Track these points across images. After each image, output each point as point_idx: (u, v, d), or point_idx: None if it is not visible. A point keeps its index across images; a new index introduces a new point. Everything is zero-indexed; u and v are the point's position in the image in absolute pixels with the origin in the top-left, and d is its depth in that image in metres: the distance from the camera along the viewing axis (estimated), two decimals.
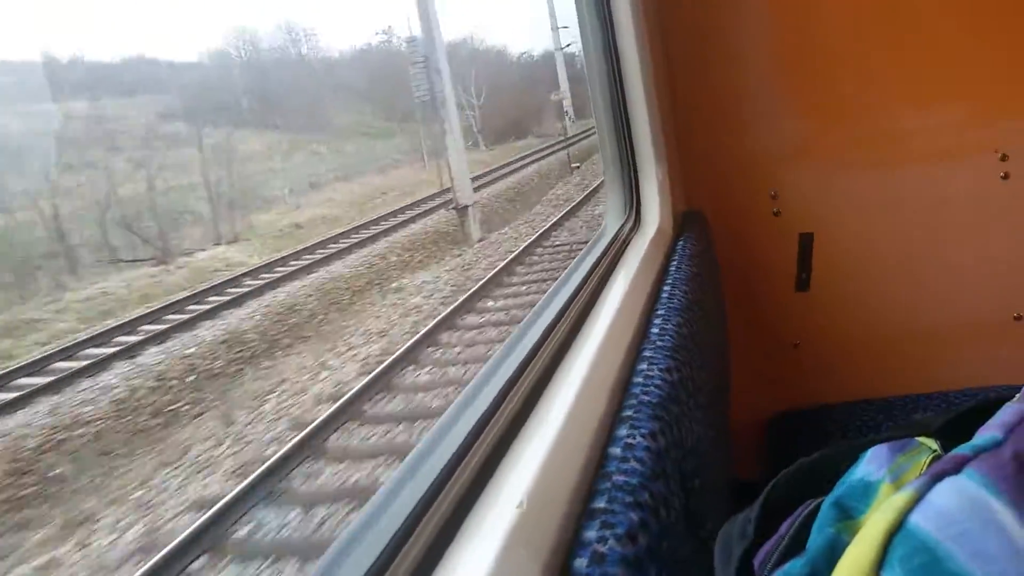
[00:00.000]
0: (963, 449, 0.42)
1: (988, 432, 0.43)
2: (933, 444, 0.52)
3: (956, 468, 0.40)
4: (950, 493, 0.38)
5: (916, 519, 0.38)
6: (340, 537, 0.49)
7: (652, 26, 1.59)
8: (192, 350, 6.44)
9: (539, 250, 9.40)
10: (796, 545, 0.54)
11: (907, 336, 1.75)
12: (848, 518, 0.48)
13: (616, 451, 0.63)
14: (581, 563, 0.49)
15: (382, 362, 5.53)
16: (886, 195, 1.71)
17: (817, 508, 0.52)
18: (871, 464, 0.52)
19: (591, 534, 0.52)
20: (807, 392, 1.79)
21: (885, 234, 1.72)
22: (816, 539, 0.48)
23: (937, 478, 0.40)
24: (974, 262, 1.70)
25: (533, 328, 0.84)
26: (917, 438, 0.54)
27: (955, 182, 1.68)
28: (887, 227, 1.72)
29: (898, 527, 0.38)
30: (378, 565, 0.46)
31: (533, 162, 18.19)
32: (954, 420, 0.55)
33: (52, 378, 5.79)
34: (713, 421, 1.00)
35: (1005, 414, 0.45)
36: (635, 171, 1.54)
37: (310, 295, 8.19)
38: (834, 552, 0.44)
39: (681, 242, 1.41)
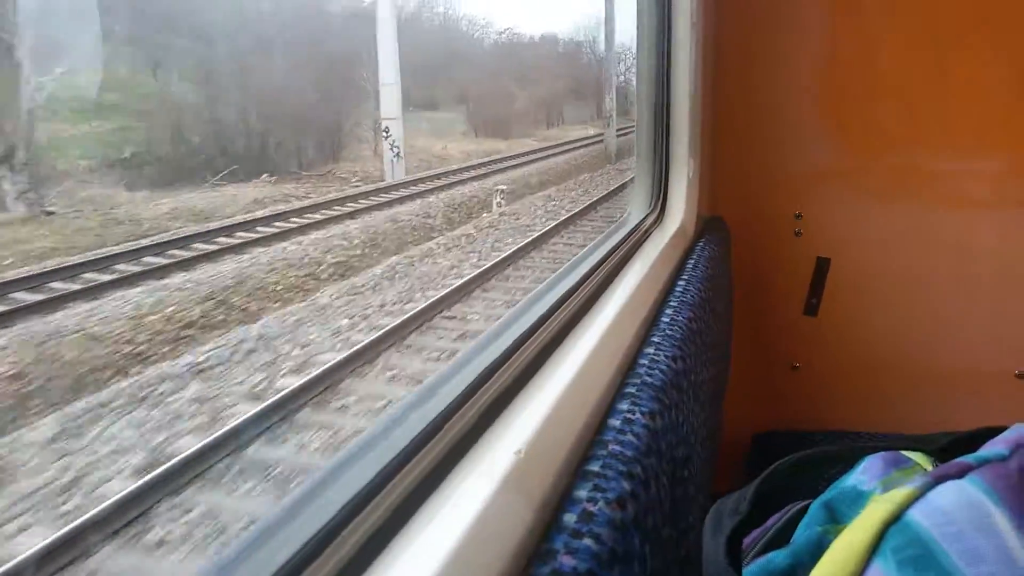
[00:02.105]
0: (968, 458, 0.42)
1: (994, 447, 0.44)
2: (929, 465, 0.53)
3: (959, 473, 0.41)
4: (951, 494, 0.39)
5: (914, 514, 0.38)
6: (340, 454, 0.50)
7: (706, 36, 1.60)
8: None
9: None
10: (780, 540, 0.55)
11: (908, 375, 1.76)
12: (835, 521, 0.48)
13: (615, 422, 0.64)
14: (570, 518, 0.50)
15: None
16: (911, 233, 1.70)
17: (803, 510, 0.53)
18: (865, 474, 0.53)
19: (583, 493, 0.53)
20: (798, 416, 1.80)
21: (903, 272, 1.72)
22: (801, 535, 0.49)
23: (940, 480, 0.40)
24: (988, 314, 1.70)
25: (548, 295, 0.85)
26: (913, 457, 0.54)
27: (983, 231, 1.68)
28: (906, 265, 1.72)
29: (895, 519, 0.38)
30: (373, 486, 0.47)
31: None
32: (955, 443, 0.56)
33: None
34: (707, 421, 1.01)
35: (1012, 433, 0.45)
36: (666, 168, 1.54)
37: None
38: (818, 548, 0.45)
39: (701, 243, 1.41)
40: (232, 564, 0.38)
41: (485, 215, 9.45)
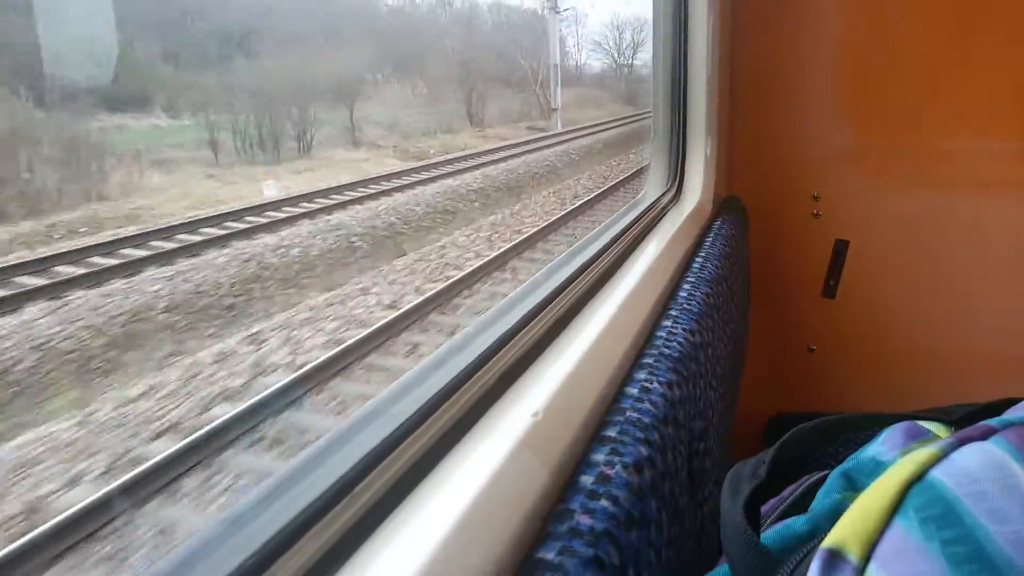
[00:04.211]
0: (991, 422, 0.42)
1: (1017, 412, 0.43)
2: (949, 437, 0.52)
3: (983, 435, 0.40)
4: (974, 455, 0.38)
5: (937, 473, 0.38)
6: (360, 411, 0.50)
7: (723, 15, 1.58)
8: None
9: None
10: (797, 508, 0.55)
11: (926, 358, 1.74)
12: (853, 489, 0.48)
13: (632, 391, 0.64)
14: (587, 479, 0.50)
15: None
16: (930, 215, 1.68)
17: (821, 480, 0.52)
18: (884, 445, 0.52)
19: (600, 457, 0.53)
20: (814, 398, 1.79)
21: (922, 254, 1.70)
22: (820, 502, 0.49)
23: (963, 441, 0.40)
24: (1007, 297, 1.67)
25: (566, 267, 0.85)
26: (933, 429, 0.54)
27: (1003, 213, 1.65)
28: (925, 247, 1.69)
29: (918, 479, 0.38)
30: (391, 442, 0.47)
31: None
32: (975, 413, 0.55)
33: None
34: (724, 396, 1.00)
35: None
36: (683, 146, 1.53)
37: None
38: (837, 514, 0.44)
39: (718, 222, 1.40)
40: (248, 514, 0.38)
41: None
